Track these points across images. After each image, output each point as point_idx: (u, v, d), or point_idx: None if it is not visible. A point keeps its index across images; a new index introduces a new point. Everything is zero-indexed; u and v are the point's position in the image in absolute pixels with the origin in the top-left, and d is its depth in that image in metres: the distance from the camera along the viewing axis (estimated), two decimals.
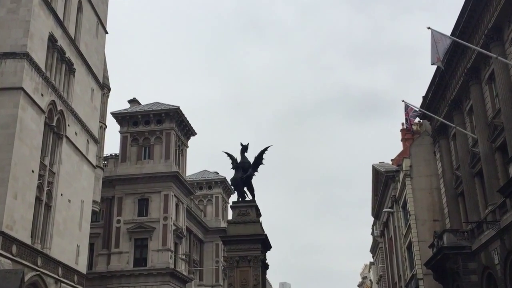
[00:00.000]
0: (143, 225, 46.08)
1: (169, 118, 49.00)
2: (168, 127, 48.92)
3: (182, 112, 49.71)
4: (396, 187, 39.05)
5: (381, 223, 50.30)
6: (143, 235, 46.00)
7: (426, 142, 34.49)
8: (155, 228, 45.81)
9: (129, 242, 45.80)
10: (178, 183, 48.57)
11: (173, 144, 48.81)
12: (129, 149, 48.72)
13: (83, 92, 36.04)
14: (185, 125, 51.33)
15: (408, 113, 27.37)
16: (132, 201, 46.98)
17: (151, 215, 46.47)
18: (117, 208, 46.70)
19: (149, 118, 49.11)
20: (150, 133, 48.87)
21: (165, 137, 48.60)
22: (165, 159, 48.03)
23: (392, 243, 43.81)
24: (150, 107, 50.20)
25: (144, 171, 47.46)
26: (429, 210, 33.25)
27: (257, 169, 25.21)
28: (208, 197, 63.95)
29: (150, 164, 48.04)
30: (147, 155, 48.58)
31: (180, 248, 49.44)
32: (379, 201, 47.03)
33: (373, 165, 45.86)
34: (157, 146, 48.58)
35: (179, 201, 49.56)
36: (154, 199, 46.88)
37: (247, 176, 24.37)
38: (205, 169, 68.27)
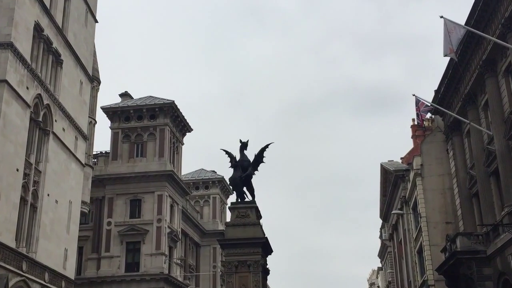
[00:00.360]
0: (136, 227, 46.06)
1: (163, 113, 48.94)
2: (162, 122, 48.87)
3: (177, 106, 49.65)
4: (406, 187, 39.01)
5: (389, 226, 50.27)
6: (135, 238, 45.99)
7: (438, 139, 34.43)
8: (148, 231, 45.80)
9: (121, 246, 45.80)
10: (173, 183, 48.54)
11: (168, 141, 48.77)
12: (120, 146, 48.67)
13: (71, 85, 35.98)
14: (181, 120, 51.27)
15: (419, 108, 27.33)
16: (123, 202, 46.97)
17: (144, 217, 46.46)
18: (108, 209, 46.69)
19: (142, 113, 49.05)
20: (143, 129, 48.82)
21: (159, 133, 48.54)
22: (159, 157, 47.99)
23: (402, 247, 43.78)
24: (143, 101, 50.13)
25: (136, 170, 47.44)
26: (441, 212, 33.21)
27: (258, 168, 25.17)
28: (205, 198, 63.93)
29: (143, 162, 48.01)
30: (139, 152, 48.53)
31: (175, 252, 49.45)
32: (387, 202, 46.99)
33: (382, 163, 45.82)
34: (150, 143, 48.53)
35: (174, 202, 49.55)
36: (147, 200, 46.86)
37: (246, 175, 24.34)
38: (202, 168, 68.20)
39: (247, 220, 23.45)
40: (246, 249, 22.72)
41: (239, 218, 23.54)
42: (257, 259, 22.60)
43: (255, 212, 23.85)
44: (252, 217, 23.56)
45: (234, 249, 22.77)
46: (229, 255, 22.84)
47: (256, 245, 22.81)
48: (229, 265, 22.53)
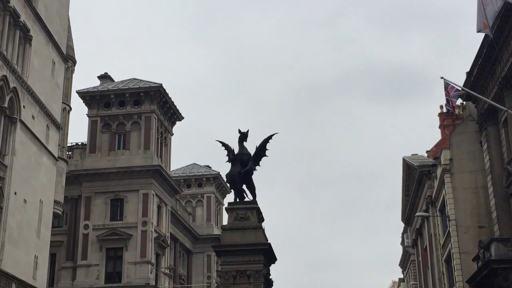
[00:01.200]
0: (117, 231, 46.18)
1: (149, 99, 48.95)
2: (148, 109, 48.90)
3: (166, 91, 49.64)
4: (433, 185, 39.00)
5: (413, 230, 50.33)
6: (116, 244, 46.12)
7: (471, 129, 34.36)
8: (131, 236, 45.92)
9: (100, 253, 45.94)
10: (161, 180, 48.62)
11: (155, 131, 48.82)
12: (99, 137, 48.72)
13: (42, 65, 35.96)
14: (169, 107, 51.28)
15: (448, 93, 27.27)
16: (103, 201, 47.08)
17: (126, 219, 46.57)
18: (85, 210, 46.81)
19: (125, 98, 49.07)
20: (125, 117, 48.86)
21: (145, 122, 48.58)
22: (144, 150, 48.05)
23: (427, 255, 43.88)
24: (126, 85, 50.15)
25: (118, 165, 47.51)
26: (473, 214, 33.19)
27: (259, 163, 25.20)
28: (198, 197, 64.06)
29: (125, 155, 48.07)
30: (121, 144, 48.58)
31: (163, 260, 49.60)
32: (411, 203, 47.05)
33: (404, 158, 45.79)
34: (134, 133, 48.58)
35: (162, 202, 49.65)
36: (131, 200, 46.96)
37: (246, 171, 24.38)
38: (195, 163, 68.32)
39: (247, 223, 23.50)
40: (246, 256, 22.78)
41: (237, 220, 23.60)
42: (258, 268, 22.66)
43: (256, 214, 23.91)
44: (252, 220, 23.61)
45: (232, 256, 22.82)
46: (226, 264, 22.89)
47: (258, 252, 22.87)
48: (226, 276, 22.58)
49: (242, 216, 23.71)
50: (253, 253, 22.85)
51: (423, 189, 42.09)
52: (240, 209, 23.86)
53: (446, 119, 41.84)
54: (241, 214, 23.71)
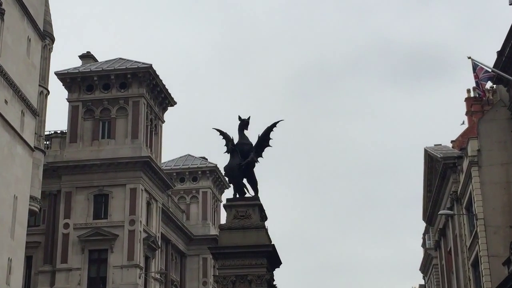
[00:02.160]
0: (101, 231, 46.23)
1: (137, 81, 48.89)
2: (136, 93, 48.85)
3: (156, 72, 49.58)
4: (458, 179, 38.98)
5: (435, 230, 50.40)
6: (101, 245, 46.19)
7: (502, 116, 34.24)
8: (117, 236, 45.98)
9: (82, 255, 46.03)
10: (151, 173, 48.63)
11: (144, 118, 48.78)
12: (81, 124, 48.71)
13: (16, 42, 35.84)
14: (160, 90, 51.21)
15: (477, 75, 27.15)
16: (85, 197, 47.12)
17: (112, 218, 46.62)
18: (65, 207, 46.87)
19: (109, 80, 49.01)
20: (110, 101, 48.82)
21: (132, 107, 48.55)
22: (132, 139, 48.04)
23: (452, 258, 43.94)
24: (111, 65, 50.09)
25: (102, 156, 47.52)
26: (504, 212, 33.15)
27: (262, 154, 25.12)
28: (193, 193, 64.15)
29: (110, 145, 48.07)
30: (106, 133, 48.58)
31: (153, 263, 49.69)
32: (433, 199, 47.09)
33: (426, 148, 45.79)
34: (120, 121, 48.55)
35: (152, 198, 49.66)
36: (117, 195, 46.98)
37: (247, 163, 24.35)
38: (189, 154, 68.38)
39: (248, 222, 23.47)
40: (247, 260, 22.75)
41: (237, 219, 23.56)
42: (261, 273, 22.62)
43: (258, 212, 23.90)
44: (254, 218, 23.59)
45: (231, 259, 22.79)
46: (224, 268, 22.87)
47: (260, 254, 22.84)
48: (224, 281, 22.53)
49: (243, 214, 23.70)
50: (255, 255, 22.82)
51: (447, 184, 42.09)
52: (240, 206, 23.84)
53: (474, 105, 41.76)
54: (241, 212, 23.70)
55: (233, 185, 24.79)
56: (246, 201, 24.09)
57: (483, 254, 33.31)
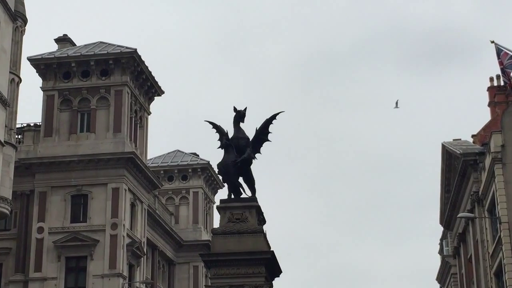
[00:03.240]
0: (80, 236, 46.24)
1: (120, 68, 48.88)
2: (119, 81, 48.85)
3: (141, 57, 49.58)
4: (480, 178, 39.08)
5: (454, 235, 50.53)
6: (79, 251, 46.22)
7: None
8: (98, 241, 46.02)
9: (58, 263, 45.99)
10: (135, 171, 48.72)
11: (127, 109, 48.78)
12: (57, 116, 48.68)
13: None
14: (146, 78, 51.22)
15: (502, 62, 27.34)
16: (62, 198, 47.15)
17: (92, 221, 46.68)
18: (39, 209, 46.83)
19: (89, 66, 48.98)
20: (90, 90, 48.78)
21: (115, 97, 48.53)
22: (114, 133, 48.05)
23: (472, 266, 44.06)
24: (91, 50, 50.08)
25: (80, 152, 47.54)
26: None
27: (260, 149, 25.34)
28: (183, 193, 64.19)
29: (90, 140, 48.08)
30: (85, 125, 48.52)
31: (138, 272, 49.77)
32: (451, 200, 47.19)
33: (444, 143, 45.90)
34: (101, 112, 48.54)
35: (137, 199, 49.80)
36: (97, 196, 47.04)
37: (244, 159, 24.56)
38: (178, 149, 68.35)
39: (244, 225, 23.68)
40: (243, 268, 22.97)
41: (232, 222, 23.77)
42: (258, 283, 22.84)
43: (256, 214, 24.05)
44: (251, 222, 23.78)
45: (225, 268, 23.00)
46: (217, 277, 23.09)
47: (258, 262, 23.05)
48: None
49: (238, 217, 23.87)
50: (252, 263, 23.03)
51: (467, 183, 42.15)
52: (236, 208, 24.02)
53: (498, 95, 41.83)
54: (237, 215, 23.86)
55: (228, 185, 24.94)
56: (242, 203, 24.29)
57: (508, 262, 33.49)
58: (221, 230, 23.76)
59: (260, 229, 24.03)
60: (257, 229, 23.80)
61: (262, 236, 23.85)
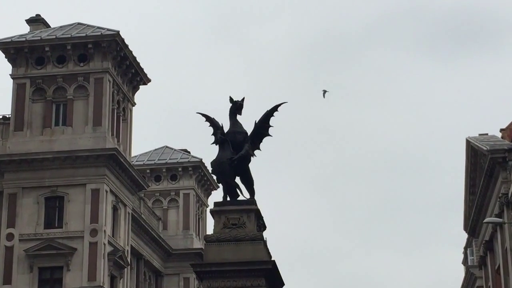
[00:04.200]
0: (55, 243, 46.32)
1: (101, 52, 48.97)
2: (99, 67, 48.96)
3: (125, 41, 49.69)
4: (509, 178, 39.11)
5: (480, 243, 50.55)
6: (54, 261, 46.30)
7: None
8: (75, 250, 46.11)
9: (30, 274, 46.04)
10: (118, 170, 48.84)
11: (109, 99, 48.85)
12: (28, 107, 48.74)
13: None
14: (130, 65, 51.33)
15: None
16: (34, 200, 47.24)
17: (68, 227, 46.80)
18: (8, 213, 46.91)
19: (65, 51, 49.02)
20: (67, 78, 48.85)
21: (94, 86, 48.63)
22: (94, 126, 48.15)
23: (501, 278, 44.17)
24: (67, 32, 50.14)
25: (56, 148, 47.65)
26: None
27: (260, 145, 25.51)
28: (172, 195, 64.39)
29: (66, 134, 48.21)
30: (61, 118, 48.65)
31: (121, 285, 49.87)
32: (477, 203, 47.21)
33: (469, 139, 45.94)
34: (79, 103, 48.63)
35: (119, 201, 49.92)
36: (74, 198, 47.15)
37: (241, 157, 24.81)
38: (166, 145, 68.72)
39: (241, 231, 23.92)
40: (240, 280, 23.18)
41: (228, 228, 24.01)
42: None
43: (254, 219, 24.28)
44: (249, 227, 24.00)
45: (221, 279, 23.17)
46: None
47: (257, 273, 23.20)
48: None
49: (235, 222, 24.08)
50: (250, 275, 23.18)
51: (495, 184, 42.23)
52: (232, 211, 24.22)
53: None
54: (234, 220, 24.07)
55: (223, 185, 25.20)
56: (239, 206, 24.56)
57: None
58: (216, 237, 23.91)
59: (260, 236, 24.21)
60: (256, 236, 23.98)
61: (262, 244, 24.02)
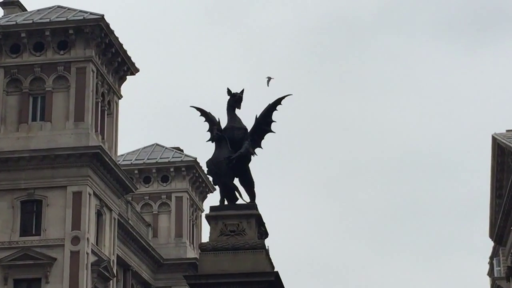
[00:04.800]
0: (32, 253, 46.19)
1: (83, 39, 48.71)
2: (81, 56, 48.74)
3: (110, 26, 49.44)
4: None
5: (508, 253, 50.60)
6: (31, 272, 46.15)
7: None
8: (55, 260, 45.93)
9: (4, 287, 45.86)
10: (102, 170, 48.59)
11: (92, 91, 48.65)
12: (2, 100, 48.56)
13: None
14: (116, 53, 51.10)
15: None
16: (8, 205, 47.09)
17: (47, 234, 46.58)
18: None
19: (43, 38, 48.86)
20: (45, 68, 48.66)
21: (76, 76, 48.40)
22: (76, 122, 47.92)
23: None
24: (46, 16, 49.86)
25: (33, 146, 47.42)
26: None
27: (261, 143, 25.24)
28: (163, 199, 64.29)
29: (45, 131, 47.98)
30: (39, 113, 48.46)
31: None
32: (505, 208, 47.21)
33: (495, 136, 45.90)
34: (59, 96, 48.43)
35: (104, 206, 49.70)
36: (54, 202, 46.94)
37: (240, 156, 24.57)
38: (156, 143, 68.53)
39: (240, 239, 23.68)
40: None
41: (226, 236, 23.76)
42: None
43: (255, 225, 24.03)
44: (250, 235, 23.75)
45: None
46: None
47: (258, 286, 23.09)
48: None
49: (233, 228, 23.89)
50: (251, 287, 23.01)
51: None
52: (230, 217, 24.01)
53: None
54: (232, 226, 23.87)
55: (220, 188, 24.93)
56: (238, 211, 24.29)
57: None
58: (212, 246, 23.74)
59: (261, 244, 24.04)
60: (257, 244, 23.80)
61: (264, 253, 23.85)
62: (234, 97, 25.27)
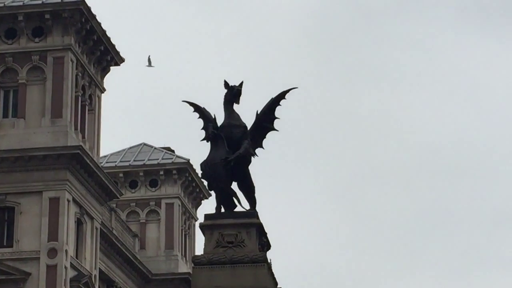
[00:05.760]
0: (3, 267, 46.36)
1: (61, 24, 48.95)
2: (59, 43, 49.03)
3: (91, 10, 49.55)
4: None
5: None
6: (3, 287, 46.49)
7: None
8: (29, 275, 46.17)
9: None
10: (83, 174, 48.76)
11: (71, 84, 48.82)
12: None
13: None
14: (99, 40, 51.24)
15: None
16: None
17: (20, 245, 46.86)
18: None
19: (16, 23, 49.09)
20: (18, 58, 49.03)
21: (53, 66, 48.66)
22: (53, 118, 48.16)
23: None
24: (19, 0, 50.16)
25: (4, 146, 47.70)
26: None
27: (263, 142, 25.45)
28: (151, 206, 64.53)
29: (18, 129, 48.27)
30: (11, 108, 48.79)
31: None
32: None
33: None
34: (34, 89, 48.73)
35: (85, 214, 49.88)
36: (27, 210, 47.22)
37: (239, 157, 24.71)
38: (144, 143, 68.91)
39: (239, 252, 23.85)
40: None
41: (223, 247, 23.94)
42: None
43: (256, 236, 24.22)
44: (250, 246, 23.94)
45: None
46: None
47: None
48: None
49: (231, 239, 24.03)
50: None
51: None
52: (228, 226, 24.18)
53: None
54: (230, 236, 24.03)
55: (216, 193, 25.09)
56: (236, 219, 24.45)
57: None
58: (207, 259, 23.88)
59: (263, 257, 24.18)
60: (258, 257, 23.95)
61: (266, 267, 24.00)
62: (232, 90, 25.36)
